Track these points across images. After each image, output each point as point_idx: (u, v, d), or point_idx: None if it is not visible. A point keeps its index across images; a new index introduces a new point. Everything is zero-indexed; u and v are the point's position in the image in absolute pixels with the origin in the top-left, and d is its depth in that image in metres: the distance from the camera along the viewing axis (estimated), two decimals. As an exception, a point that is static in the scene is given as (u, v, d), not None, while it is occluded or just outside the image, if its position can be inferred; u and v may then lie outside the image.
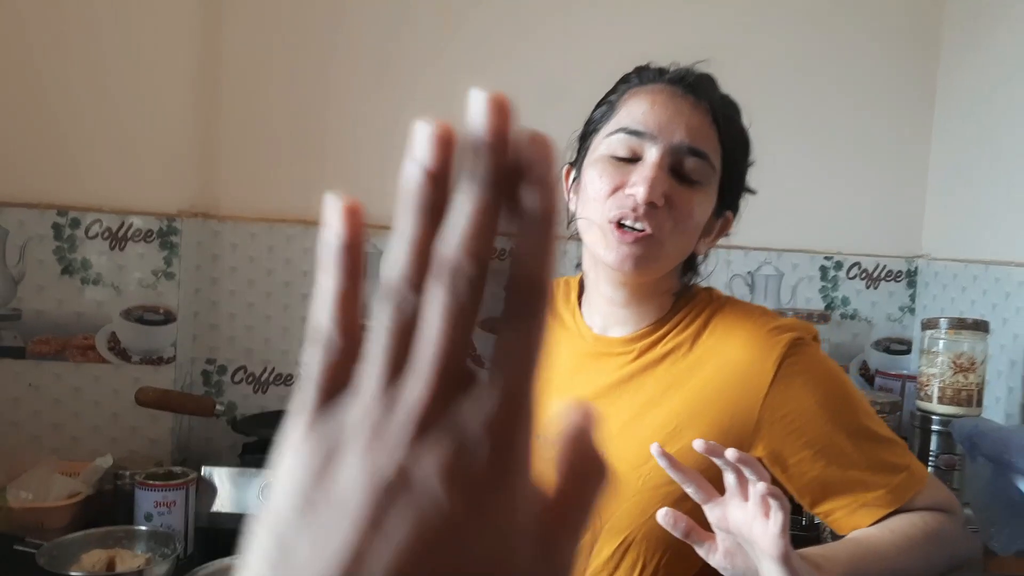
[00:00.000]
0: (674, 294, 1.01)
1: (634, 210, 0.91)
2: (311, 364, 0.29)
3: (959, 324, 1.60)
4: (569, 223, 1.01)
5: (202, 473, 1.66)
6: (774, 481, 0.91)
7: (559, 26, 2.04)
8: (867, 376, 2.14)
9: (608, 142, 0.95)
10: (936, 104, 2.13)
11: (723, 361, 0.94)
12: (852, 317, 2.15)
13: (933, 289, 2.09)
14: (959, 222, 2.03)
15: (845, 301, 2.15)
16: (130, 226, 1.84)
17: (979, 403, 1.60)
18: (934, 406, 1.59)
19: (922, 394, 1.62)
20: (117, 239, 1.84)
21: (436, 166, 0.28)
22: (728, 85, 2.04)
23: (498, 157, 0.26)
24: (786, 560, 0.74)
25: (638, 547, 0.93)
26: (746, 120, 1.03)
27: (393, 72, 2.03)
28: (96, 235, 1.83)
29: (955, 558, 0.96)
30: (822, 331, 2.00)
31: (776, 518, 0.74)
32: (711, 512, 0.80)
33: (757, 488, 0.75)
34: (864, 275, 2.15)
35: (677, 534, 0.80)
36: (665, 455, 0.80)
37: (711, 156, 0.94)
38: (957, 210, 2.04)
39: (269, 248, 2.01)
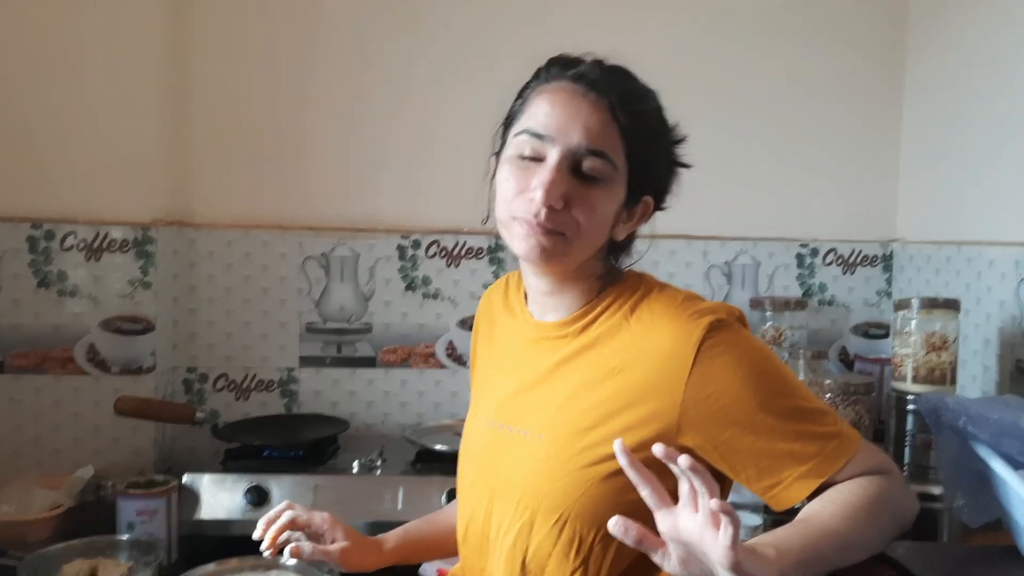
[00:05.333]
0: (599, 278, 1.04)
1: (536, 215, 0.95)
2: None
3: (931, 304, 1.61)
4: (487, 217, 1.05)
5: (184, 481, 1.66)
6: (714, 472, 0.93)
7: (534, 33, 2.04)
8: (846, 361, 2.16)
9: (515, 142, 0.99)
10: (905, 91, 2.15)
11: (647, 348, 0.95)
12: (830, 303, 2.17)
13: (908, 272, 2.10)
14: (931, 205, 2.04)
15: (822, 288, 2.16)
16: (105, 236, 1.84)
17: (953, 381, 1.61)
18: (908, 386, 1.60)
19: (897, 374, 1.63)
20: (92, 250, 1.84)
21: None
22: (699, 82, 2.07)
23: None
24: (738, 568, 0.75)
25: (573, 524, 0.96)
26: (668, 104, 1.04)
27: (365, 76, 2.04)
28: (71, 247, 1.83)
29: (900, 516, 0.97)
30: (800, 318, 2.02)
31: (726, 531, 0.74)
32: (662, 521, 0.80)
33: (709, 504, 0.75)
34: (840, 261, 2.16)
35: (628, 542, 0.80)
36: (626, 453, 0.81)
37: (611, 153, 0.96)
38: (929, 193, 2.06)
39: (246, 254, 2.02)
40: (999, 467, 0.96)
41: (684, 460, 0.75)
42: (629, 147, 0.97)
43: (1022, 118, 1.71)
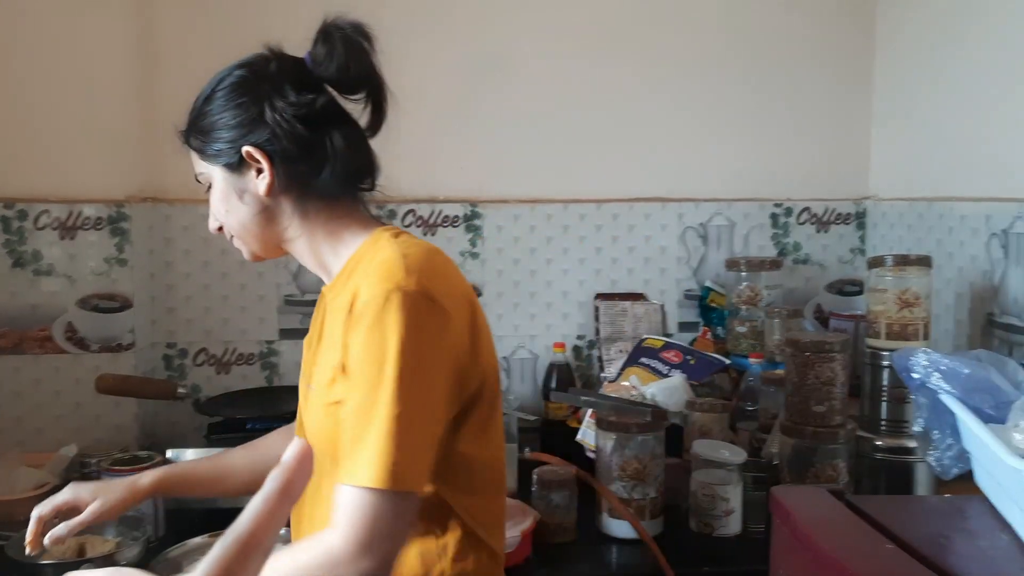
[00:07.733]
0: (342, 234, 1.14)
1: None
2: None
3: (903, 261, 1.63)
4: None
5: (168, 455, 1.66)
6: None
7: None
8: (821, 318, 2.18)
9: None
10: (876, 49, 2.15)
11: (344, 305, 1.02)
12: (804, 262, 2.19)
13: (881, 229, 2.13)
14: (903, 162, 2.06)
15: (797, 247, 2.19)
16: (79, 215, 1.82)
17: (926, 336, 1.63)
18: (882, 342, 1.63)
19: (871, 331, 1.66)
20: (67, 228, 1.82)
21: None
22: (669, 44, 2.05)
23: None
24: None
25: (320, 449, 1.03)
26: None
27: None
28: (45, 226, 1.81)
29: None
30: (775, 277, 2.04)
31: None
32: None
33: None
34: (814, 220, 2.18)
35: None
36: None
37: (196, 167, 1.19)
38: (901, 150, 2.08)
39: (222, 228, 2.00)
40: (970, 421, 0.99)
41: None
42: (190, 145, 1.19)
43: (992, 74, 1.72)
